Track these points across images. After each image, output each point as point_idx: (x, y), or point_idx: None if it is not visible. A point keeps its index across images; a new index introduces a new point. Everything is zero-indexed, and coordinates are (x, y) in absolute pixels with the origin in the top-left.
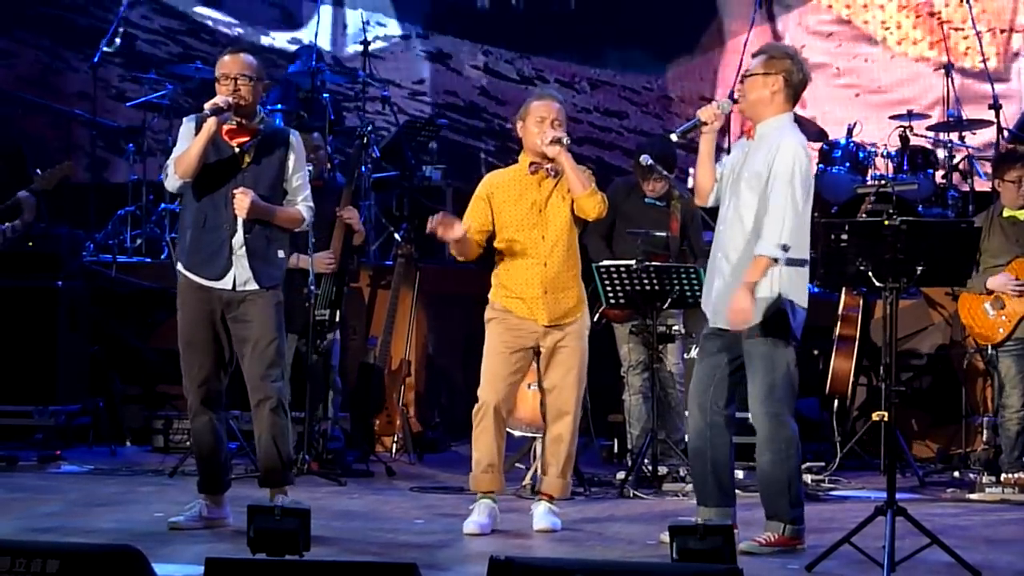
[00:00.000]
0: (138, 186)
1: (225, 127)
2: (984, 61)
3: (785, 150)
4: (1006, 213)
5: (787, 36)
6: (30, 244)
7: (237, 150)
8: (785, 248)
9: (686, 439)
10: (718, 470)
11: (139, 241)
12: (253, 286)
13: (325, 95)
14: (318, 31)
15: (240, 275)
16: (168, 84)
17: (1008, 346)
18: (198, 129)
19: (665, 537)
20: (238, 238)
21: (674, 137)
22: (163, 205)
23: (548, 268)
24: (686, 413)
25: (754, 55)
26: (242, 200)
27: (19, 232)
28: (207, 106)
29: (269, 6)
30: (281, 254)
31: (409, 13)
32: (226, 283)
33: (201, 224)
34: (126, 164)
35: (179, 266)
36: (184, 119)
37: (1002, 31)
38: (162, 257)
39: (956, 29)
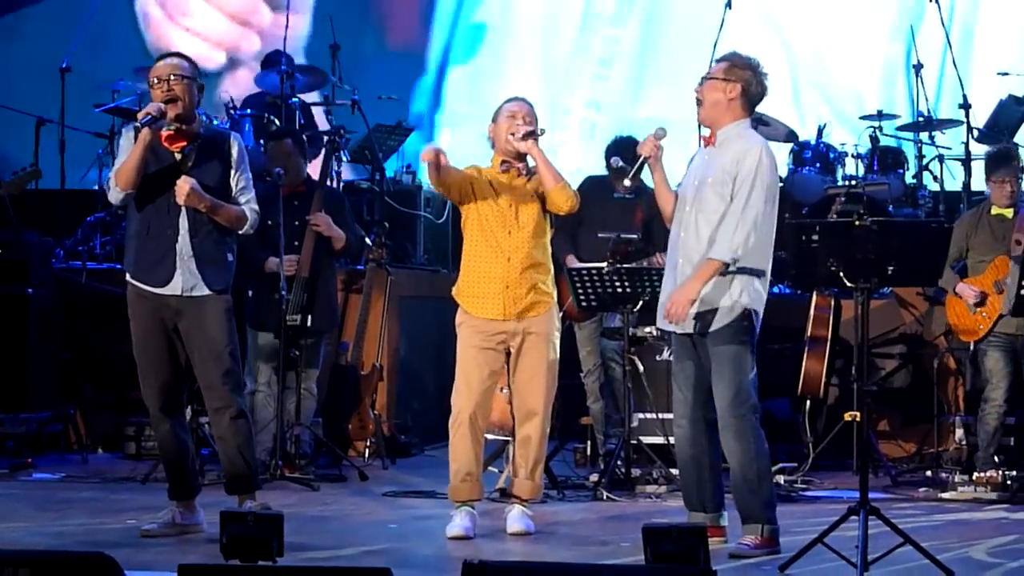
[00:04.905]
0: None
1: (164, 133)
2: (954, 61)
3: (751, 155)
4: (994, 211)
5: None
6: None
7: (178, 156)
8: (746, 242)
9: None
10: (713, 475)
11: (109, 247)
12: (202, 291)
13: (294, 100)
14: (286, 35)
15: (187, 280)
16: (137, 89)
17: (993, 340)
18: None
19: None
20: (184, 243)
21: (627, 183)
22: None
23: (511, 263)
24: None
25: (717, 60)
26: (182, 186)
27: None
28: (139, 116)
29: None
30: (230, 257)
31: None
32: (173, 289)
33: (145, 232)
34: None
35: (127, 275)
36: (123, 129)
37: None
38: None
39: None
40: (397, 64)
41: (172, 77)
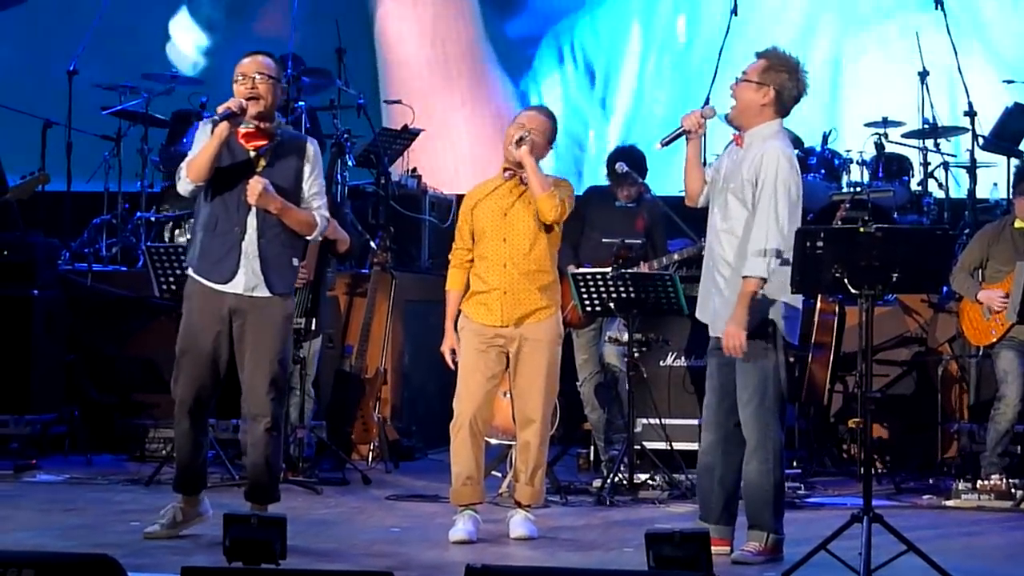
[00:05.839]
0: (113, 195)
1: (241, 130)
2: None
3: (768, 161)
4: (1017, 224)
5: None
6: (5, 253)
7: (253, 154)
8: (778, 254)
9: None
10: (726, 487)
11: (115, 250)
12: (264, 292)
13: (300, 103)
14: (294, 37)
15: (250, 280)
16: (144, 92)
17: (1007, 343)
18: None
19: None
20: (250, 242)
21: (658, 146)
22: (139, 214)
23: (508, 269)
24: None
25: (757, 55)
26: (255, 186)
27: None
28: (219, 109)
29: None
30: (295, 261)
31: None
32: (235, 287)
33: (212, 227)
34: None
35: (189, 270)
36: (201, 121)
37: None
38: (138, 266)
39: None
40: None
41: (258, 75)
